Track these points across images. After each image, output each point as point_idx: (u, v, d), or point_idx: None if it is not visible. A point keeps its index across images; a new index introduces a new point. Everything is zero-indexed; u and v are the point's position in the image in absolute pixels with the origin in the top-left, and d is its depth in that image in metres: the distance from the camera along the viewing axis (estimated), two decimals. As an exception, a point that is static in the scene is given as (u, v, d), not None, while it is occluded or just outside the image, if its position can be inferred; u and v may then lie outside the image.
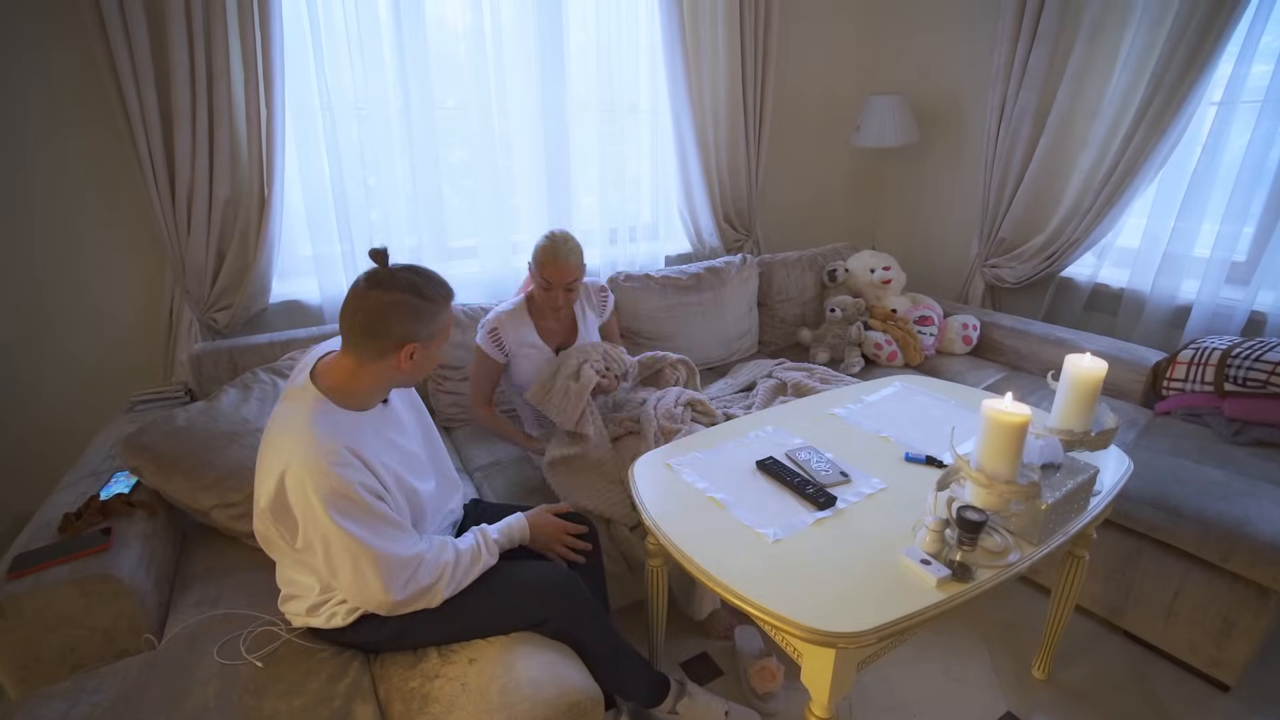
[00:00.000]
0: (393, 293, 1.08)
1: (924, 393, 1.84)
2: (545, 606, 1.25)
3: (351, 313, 1.08)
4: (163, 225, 1.95)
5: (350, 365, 1.12)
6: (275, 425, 1.11)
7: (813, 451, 1.49)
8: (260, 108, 1.96)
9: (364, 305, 1.08)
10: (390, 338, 1.09)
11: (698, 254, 2.95)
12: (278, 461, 1.05)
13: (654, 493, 1.38)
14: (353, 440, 1.09)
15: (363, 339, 1.08)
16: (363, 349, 1.09)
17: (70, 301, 2.00)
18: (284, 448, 1.05)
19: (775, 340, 2.72)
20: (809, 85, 3.08)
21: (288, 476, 1.03)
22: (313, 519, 1.04)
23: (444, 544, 1.21)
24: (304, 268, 2.31)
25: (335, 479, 1.03)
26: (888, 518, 1.27)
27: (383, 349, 1.09)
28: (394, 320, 1.08)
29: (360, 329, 1.08)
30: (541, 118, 2.48)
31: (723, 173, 2.84)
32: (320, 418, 1.08)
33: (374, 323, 1.07)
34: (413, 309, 1.09)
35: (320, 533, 1.04)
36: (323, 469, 1.02)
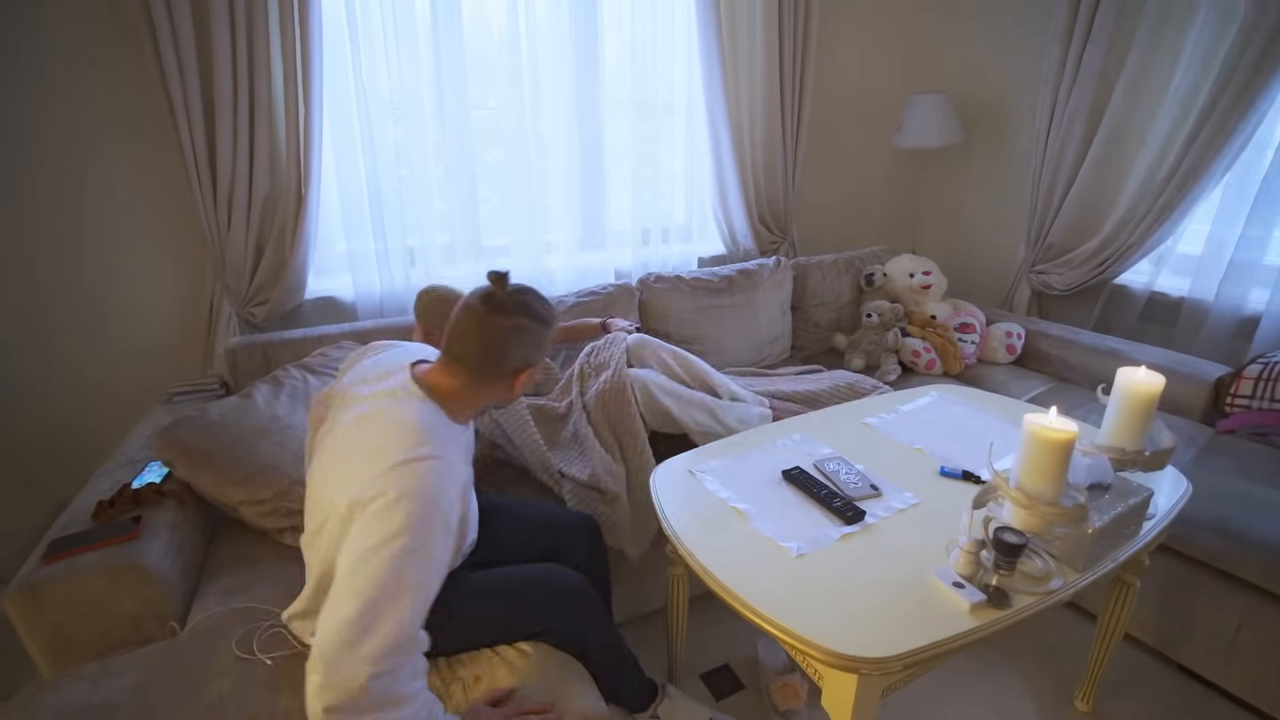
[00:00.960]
0: (514, 318, 1.04)
1: (962, 403, 1.75)
2: (555, 609, 1.22)
3: (467, 336, 1.03)
4: (205, 221, 1.99)
5: (461, 385, 1.07)
6: (376, 426, 1.01)
7: (842, 462, 1.42)
8: (299, 105, 1.98)
9: (485, 331, 1.03)
10: (509, 363, 1.06)
11: (731, 256, 2.89)
12: (385, 459, 0.94)
13: (675, 501, 1.33)
14: (461, 465, 1.03)
15: (480, 365, 1.05)
16: (475, 374, 1.06)
17: (118, 294, 2.06)
18: (395, 450, 0.95)
19: (809, 345, 2.64)
20: (849, 83, 2.99)
21: (391, 481, 0.92)
22: (393, 524, 0.90)
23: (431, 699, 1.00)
24: (339, 264, 2.33)
25: (446, 512, 0.95)
26: (919, 536, 1.20)
27: (501, 374, 1.07)
28: (515, 346, 1.05)
29: (479, 355, 1.04)
30: (575, 117, 2.46)
31: (758, 173, 2.77)
32: (446, 434, 1.03)
33: (495, 350, 1.04)
34: (532, 334, 1.07)
35: (388, 535, 0.90)
36: (438, 495, 0.94)
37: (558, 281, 2.57)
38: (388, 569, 0.89)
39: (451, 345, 1.06)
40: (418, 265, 2.36)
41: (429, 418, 1.02)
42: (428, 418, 1.02)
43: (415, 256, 2.36)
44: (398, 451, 0.95)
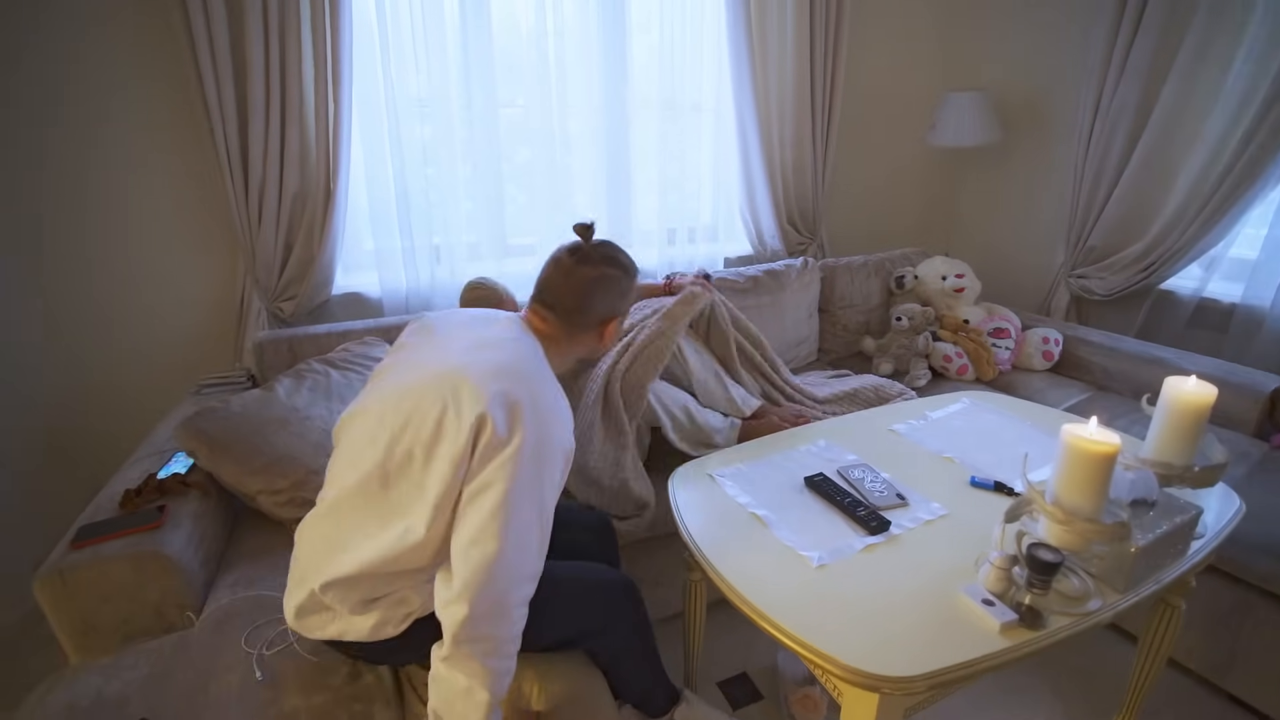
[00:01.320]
0: (602, 267, 1.08)
1: (995, 411, 1.67)
2: (609, 613, 1.18)
3: (558, 286, 1.07)
4: (236, 217, 2.01)
5: (555, 332, 1.09)
6: (501, 351, 1.00)
7: (867, 470, 1.37)
8: (328, 104, 1.99)
9: (574, 280, 1.07)
10: (598, 313, 1.10)
11: (759, 256, 2.84)
12: (507, 388, 0.93)
13: (693, 505, 1.30)
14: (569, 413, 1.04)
15: (570, 314, 1.08)
16: (567, 322, 1.09)
17: (157, 288, 2.10)
18: (516, 378, 0.96)
19: (836, 348, 2.58)
20: (882, 81, 2.91)
21: (524, 409, 0.92)
22: (531, 464, 0.91)
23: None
24: (366, 261, 2.34)
25: (567, 441, 0.99)
26: (947, 549, 1.14)
27: (589, 324, 1.10)
28: (605, 295, 1.09)
29: (569, 304, 1.07)
30: (602, 116, 2.44)
31: (787, 172, 2.72)
32: (550, 371, 1.04)
33: (585, 298, 1.07)
34: (621, 284, 1.11)
35: (526, 479, 0.91)
36: (565, 424, 0.98)
37: (582, 281, 2.55)
38: (530, 515, 0.93)
39: (543, 293, 1.09)
40: (443, 263, 2.36)
41: (545, 365, 1.04)
42: (544, 365, 1.04)
43: (441, 254, 2.36)
44: (527, 391, 0.95)
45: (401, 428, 0.95)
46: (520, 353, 1.02)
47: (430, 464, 0.93)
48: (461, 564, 0.91)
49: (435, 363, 0.99)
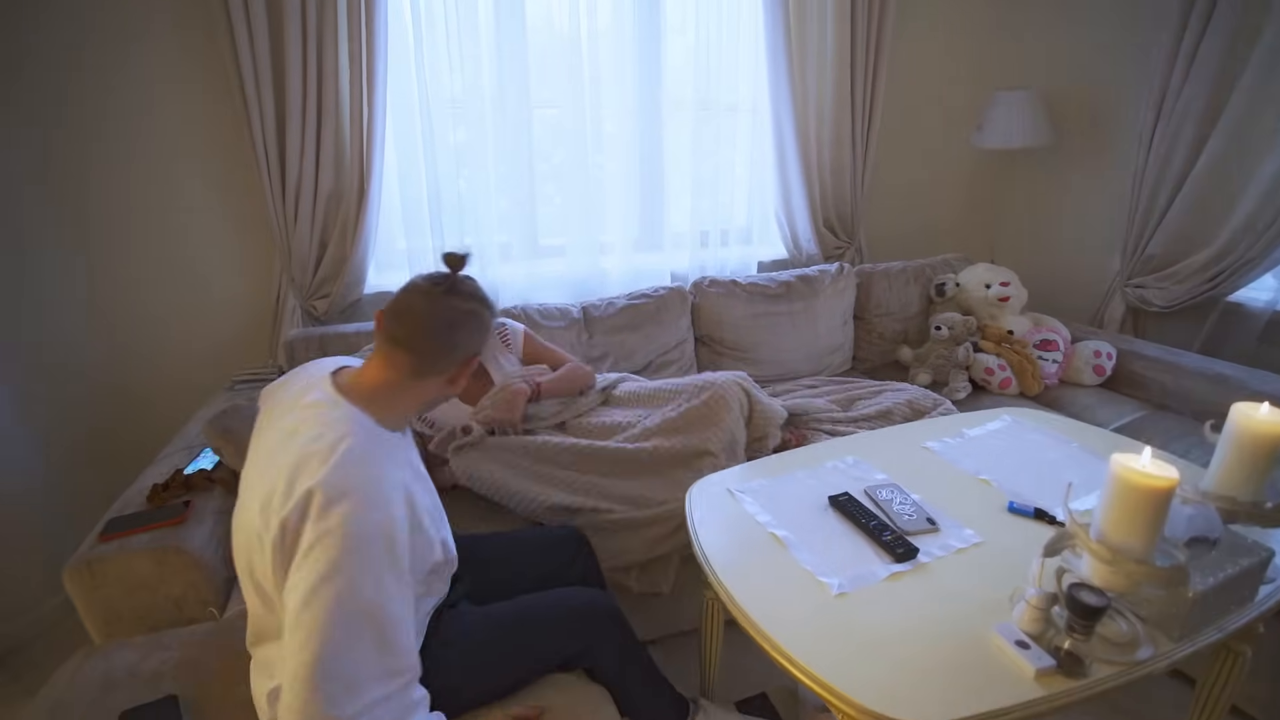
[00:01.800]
0: (470, 301, 0.96)
1: (1039, 430, 1.56)
2: (590, 634, 1.14)
3: (418, 318, 0.93)
4: (273, 216, 2.04)
5: (397, 379, 0.95)
6: (296, 443, 0.87)
7: (896, 490, 1.29)
8: (363, 106, 1.99)
9: (440, 312, 0.93)
10: (462, 352, 0.97)
11: (794, 261, 2.75)
12: (302, 480, 0.82)
13: (710, 521, 1.24)
14: (398, 475, 0.90)
15: (429, 349, 0.94)
16: (421, 361, 0.94)
17: (194, 284, 2.14)
18: (314, 465, 0.83)
19: (871, 357, 2.47)
20: (926, 80, 2.77)
21: (318, 496, 0.81)
22: (328, 552, 0.79)
23: (423, 698, 0.90)
24: (398, 261, 2.35)
25: (386, 517, 0.83)
26: (980, 581, 1.05)
27: (446, 364, 0.96)
28: (469, 332, 0.96)
29: (430, 337, 0.93)
30: (636, 116, 2.39)
31: (824, 174, 2.62)
32: (368, 437, 0.89)
33: (450, 332, 0.94)
34: (483, 321, 0.98)
35: (324, 570, 0.79)
36: (372, 499, 0.83)
37: (612, 283, 2.51)
38: (331, 615, 0.78)
39: (395, 329, 0.94)
40: (474, 263, 2.34)
41: (357, 430, 0.89)
42: (356, 430, 0.89)
43: (472, 254, 2.34)
44: (322, 473, 0.82)
45: (247, 562, 0.91)
46: (321, 443, 0.86)
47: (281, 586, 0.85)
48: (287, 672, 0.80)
49: (251, 483, 0.92)
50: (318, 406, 0.92)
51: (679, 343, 2.23)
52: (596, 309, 2.17)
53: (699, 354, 2.32)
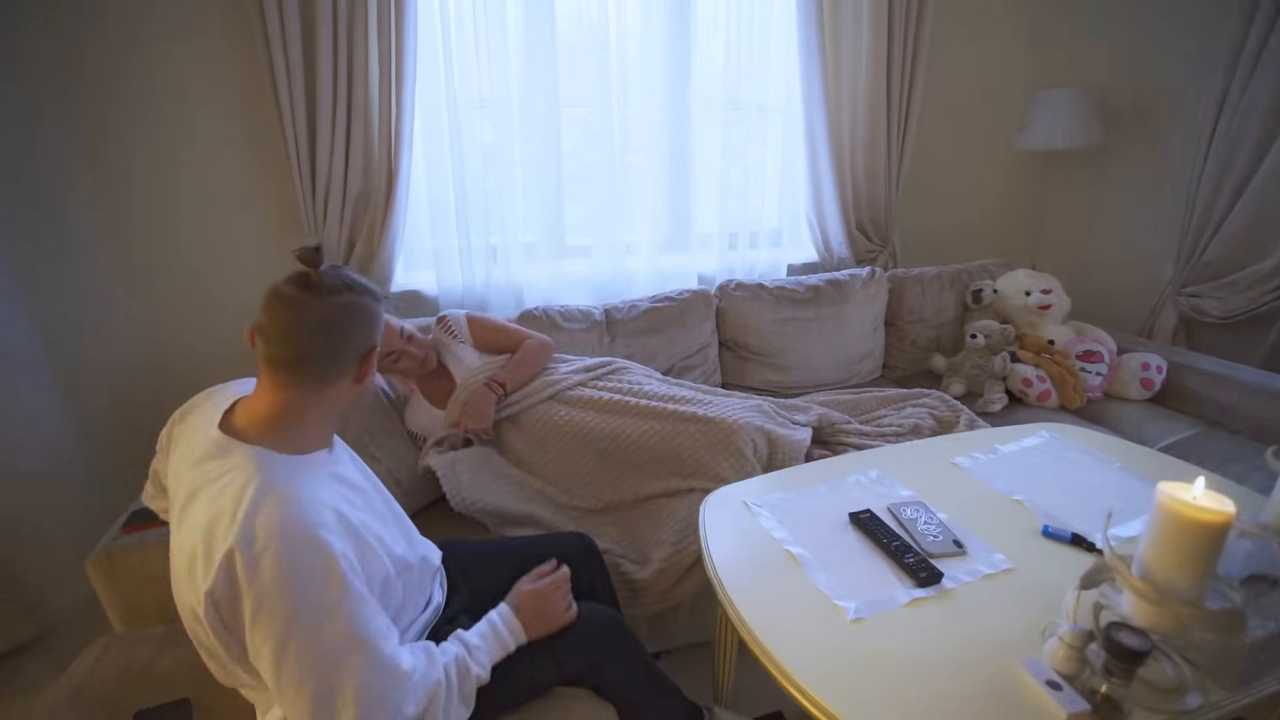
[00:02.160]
0: (344, 294, 0.85)
1: (1079, 447, 1.46)
2: (597, 652, 1.10)
3: (294, 329, 0.82)
4: (304, 214, 2.05)
5: (292, 400, 0.85)
6: (199, 506, 0.80)
7: (922, 509, 1.21)
8: (391, 107, 1.99)
9: (315, 316, 0.83)
10: (353, 348, 0.87)
11: (824, 264, 2.66)
12: (218, 544, 0.75)
13: (722, 534, 1.18)
14: (319, 491, 0.82)
15: (321, 358, 0.85)
16: (317, 372, 0.85)
17: (229, 282, 2.17)
18: (224, 523, 0.75)
19: (902, 365, 2.37)
20: (966, 78, 2.66)
21: (239, 558, 0.73)
22: (275, 607, 0.73)
23: (429, 654, 0.89)
24: (425, 260, 2.35)
25: (316, 544, 0.76)
26: (1009, 611, 0.98)
27: (344, 365, 0.87)
28: (355, 325, 0.86)
29: (316, 345, 0.84)
30: (664, 116, 2.35)
31: (858, 176, 2.53)
32: (274, 475, 0.80)
33: (334, 333, 0.84)
34: (370, 309, 0.88)
35: (280, 628, 0.74)
36: (296, 533, 0.75)
37: (638, 284, 2.47)
38: (307, 667, 0.75)
39: (270, 350, 0.83)
40: (499, 263, 2.34)
41: (259, 471, 0.80)
42: (258, 472, 0.80)
43: (497, 254, 2.33)
44: (234, 532, 0.75)
45: (191, 629, 0.85)
46: (219, 497, 0.79)
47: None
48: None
49: (176, 544, 0.85)
50: (210, 460, 0.84)
51: (702, 347, 2.18)
52: (619, 311, 2.13)
53: (723, 359, 2.26)
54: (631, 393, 1.69)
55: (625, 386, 1.73)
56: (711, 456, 1.52)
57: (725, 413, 1.60)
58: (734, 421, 1.56)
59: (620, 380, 1.78)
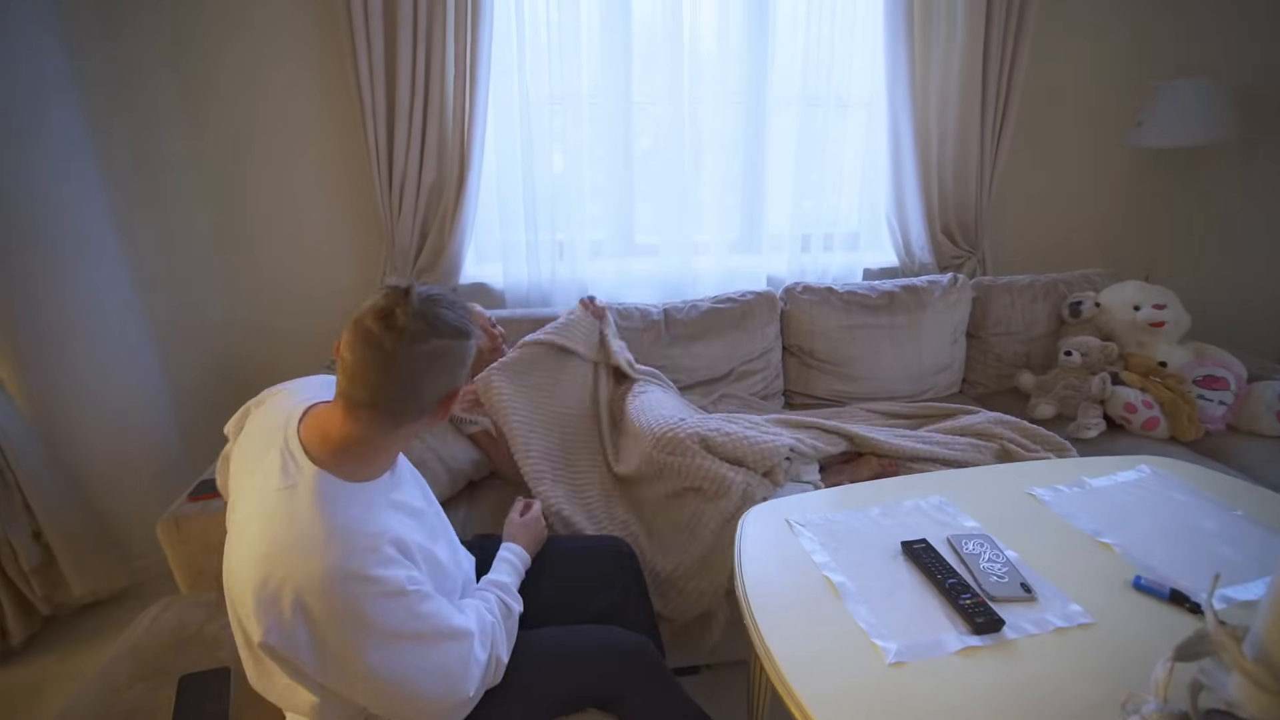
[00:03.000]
0: (431, 340, 0.80)
1: (1188, 487, 1.25)
2: (622, 680, 1.03)
3: (375, 373, 0.79)
4: (380, 205, 2.11)
5: (365, 435, 0.82)
6: (260, 529, 0.78)
7: (987, 544, 1.07)
8: (465, 103, 2.01)
9: (398, 364, 0.78)
10: (434, 393, 0.83)
11: (905, 269, 2.48)
12: (283, 579, 0.74)
13: (759, 553, 1.09)
14: (381, 523, 0.82)
15: (399, 404, 0.82)
16: (393, 415, 0.82)
17: (308, 271, 2.27)
18: (287, 558, 0.75)
19: (984, 381, 2.15)
20: (1074, 69, 2.38)
21: (308, 599, 0.74)
22: (356, 640, 0.76)
23: (476, 609, 0.96)
24: (493, 254, 2.36)
25: (383, 584, 0.77)
26: (1082, 674, 0.83)
27: (422, 408, 0.84)
28: (440, 374, 0.82)
29: (396, 393, 0.80)
30: (738, 112, 2.26)
31: (945, 176, 2.33)
32: (331, 505, 0.79)
33: (416, 381, 0.81)
34: (457, 354, 0.83)
35: (366, 653, 0.77)
36: (364, 575, 0.76)
37: (704, 285, 2.38)
38: (386, 670, 0.79)
39: (352, 390, 0.79)
40: (565, 259, 2.32)
41: (322, 500, 0.78)
42: (321, 501, 0.78)
43: (564, 250, 2.31)
44: (295, 570, 0.74)
45: (238, 625, 0.83)
46: (282, 525, 0.77)
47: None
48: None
49: (231, 546, 0.84)
50: (274, 468, 0.81)
51: (765, 351, 2.06)
52: (678, 312, 2.05)
53: (786, 365, 2.13)
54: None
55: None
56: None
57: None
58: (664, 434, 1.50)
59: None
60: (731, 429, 1.45)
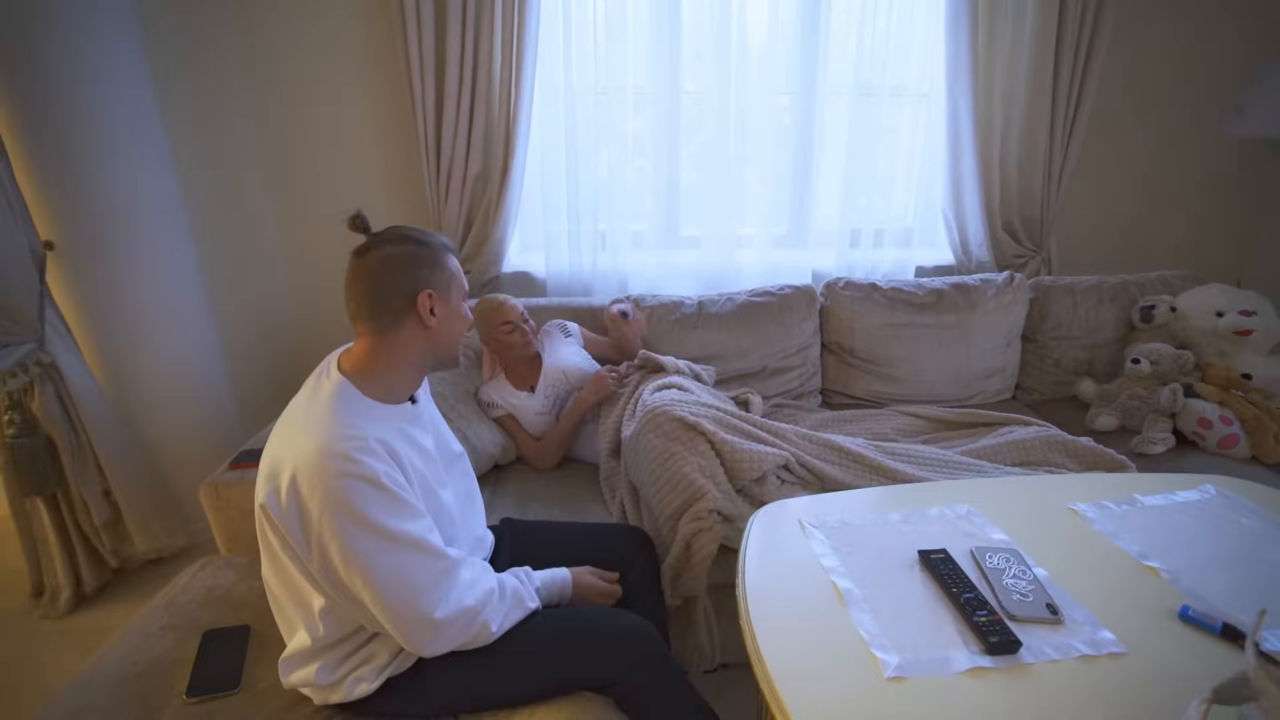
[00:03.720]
0: (384, 247, 0.95)
1: (1259, 513, 1.11)
2: (618, 664, 1.01)
3: (351, 288, 0.95)
4: (428, 194, 2.16)
5: (370, 345, 0.95)
6: (286, 417, 0.94)
7: (1014, 559, 0.98)
8: (510, 92, 2.03)
9: (360, 274, 0.94)
10: (401, 292, 0.94)
11: (961, 268, 2.34)
12: (287, 455, 0.86)
13: (764, 552, 1.04)
14: (379, 432, 0.90)
15: (372, 308, 0.94)
16: (375, 321, 0.94)
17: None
18: (294, 439, 0.87)
19: (1040, 387, 2.00)
20: (1161, 49, 2.17)
21: (299, 474, 0.84)
22: (329, 518, 0.83)
23: (484, 566, 1.01)
24: (536, 242, 2.37)
25: (359, 465, 0.84)
26: (1105, 708, 0.75)
27: (396, 310, 0.94)
28: (395, 273, 0.94)
29: (367, 296, 0.94)
30: (788, 102, 2.19)
31: (1009, 169, 2.18)
32: (342, 403, 0.91)
33: (377, 285, 0.94)
34: (412, 255, 0.96)
35: (339, 533, 0.84)
36: (345, 454, 0.84)
37: (746, 279, 2.32)
38: (359, 534, 0.85)
39: (348, 308, 0.96)
40: (607, 249, 2.31)
41: (336, 398, 0.91)
42: (335, 399, 0.91)
43: (606, 240, 2.30)
44: (295, 446, 0.86)
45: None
46: (301, 414, 0.92)
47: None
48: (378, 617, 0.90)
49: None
50: (312, 381, 0.97)
51: (802, 348, 1.99)
52: (713, 304, 2.00)
53: (825, 363, 2.05)
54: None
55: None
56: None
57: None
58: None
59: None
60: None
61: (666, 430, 1.40)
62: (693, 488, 1.30)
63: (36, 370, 1.55)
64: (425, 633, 0.89)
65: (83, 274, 1.71)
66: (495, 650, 0.97)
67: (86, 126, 1.64)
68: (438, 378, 1.70)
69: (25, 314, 1.54)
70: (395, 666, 0.97)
